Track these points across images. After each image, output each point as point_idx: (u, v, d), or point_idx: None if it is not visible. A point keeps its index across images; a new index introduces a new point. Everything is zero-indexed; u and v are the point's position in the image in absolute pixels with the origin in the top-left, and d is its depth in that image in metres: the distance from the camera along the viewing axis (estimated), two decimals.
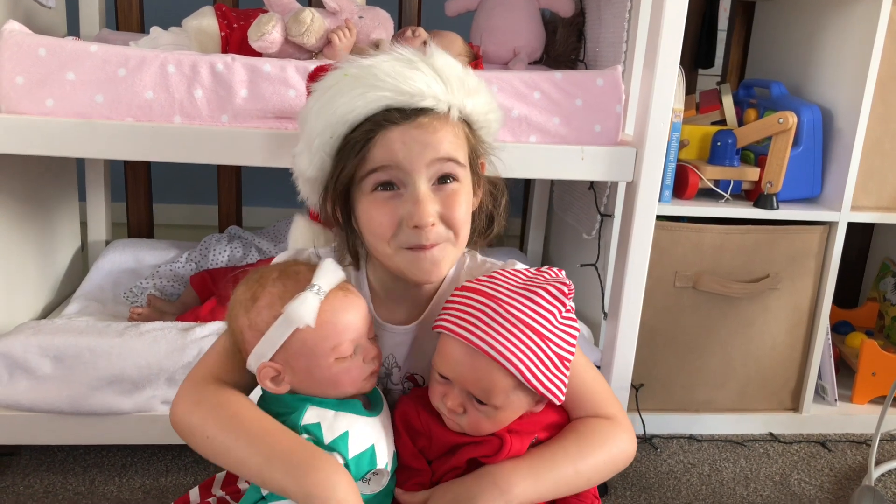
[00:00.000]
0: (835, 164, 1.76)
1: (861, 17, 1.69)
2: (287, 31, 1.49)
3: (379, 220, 0.89)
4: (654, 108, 1.38)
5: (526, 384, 0.88)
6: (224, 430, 0.87)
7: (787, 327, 1.82)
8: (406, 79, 0.87)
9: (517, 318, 0.87)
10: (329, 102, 0.89)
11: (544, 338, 0.88)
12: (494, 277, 0.93)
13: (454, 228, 0.91)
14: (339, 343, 0.88)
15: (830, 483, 1.67)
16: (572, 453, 0.93)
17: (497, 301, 0.88)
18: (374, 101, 0.87)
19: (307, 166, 0.93)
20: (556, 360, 0.89)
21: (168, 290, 1.84)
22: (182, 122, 1.31)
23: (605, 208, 1.74)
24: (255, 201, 2.72)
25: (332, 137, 0.89)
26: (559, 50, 1.88)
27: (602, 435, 0.96)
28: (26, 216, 1.67)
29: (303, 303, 0.86)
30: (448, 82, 0.90)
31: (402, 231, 0.89)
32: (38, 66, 1.26)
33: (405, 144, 0.87)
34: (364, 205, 0.91)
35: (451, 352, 0.89)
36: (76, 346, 1.40)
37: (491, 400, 0.89)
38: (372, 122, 0.87)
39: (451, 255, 0.93)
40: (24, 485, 1.46)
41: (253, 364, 0.90)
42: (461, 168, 0.91)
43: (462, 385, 0.89)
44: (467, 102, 0.92)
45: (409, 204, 0.88)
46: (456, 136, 0.91)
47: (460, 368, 0.88)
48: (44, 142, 1.27)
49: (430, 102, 0.88)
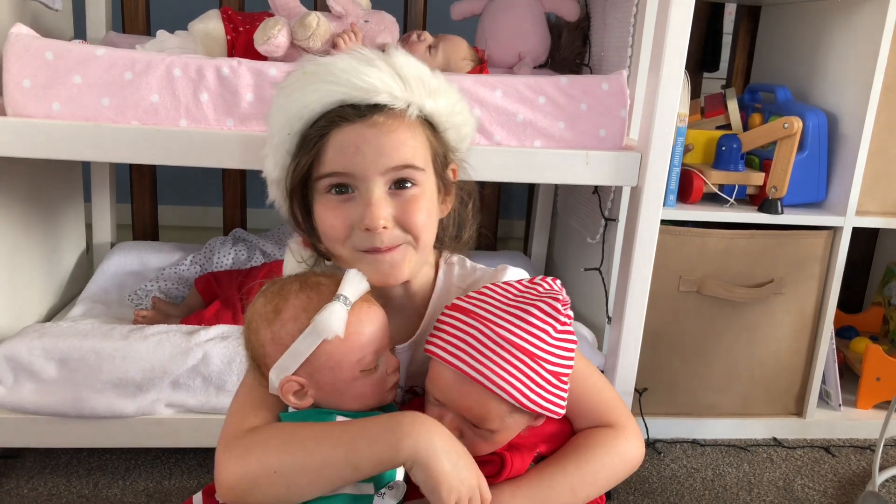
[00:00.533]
0: (840, 169, 1.76)
1: (867, 22, 1.68)
2: (293, 34, 1.49)
3: (331, 223, 0.89)
4: (659, 112, 1.38)
5: (521, 407, 0.86)
6: (288, 452, 0.83)
7: (791, 332, 1.81)
8: (361, 74, 0.86)
9: (508, 340, 0.85)
10: (287, 99, 0.89)
11: (537, 358, 0.85)
12: (485, 295, 0.90)
13: (413, 233, 0.89)
14: (365, 355, 0.87)
15: (834, 488, 1.66)
16: (570, 472, 0.92)
17: (487, 323, 0.86)
18: (327, 95, 0.86)
19: (272, 167, 0.93)
20: (552, 377, 0.87)
21: (172, 293, 1.84)
22: (188, 125, 1.32)
23: (610, 212, 1.74)
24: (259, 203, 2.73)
25: (290, 134, 0.89)
26: (564, 54, 1.88)
27: (602, 448, 0.95)
28: (32, 218, 1.68)
29: (332, 314, 0.83)
30: (406, 80, 0.88)
31: (355, 234, 0.88)
32: (45, 69, 1.26)
33: (359, 149, 0.86)
34: (318, 207, 0.90)
35: (443, 378, 0.87)
36: (81, 349, 1.40)
37: (486, 425, 0.87)
38: (326, 119, 0.87)
39: (412, 258, 0.91)
40: (28, 487, 1.46)
41: (275, 379, 0.88)
42: (419, 172, 0.89)
43: (456, 410, 0.87)
44: (427, 102, 0.90)
45: (361, 207, 0.87)
46: (413, 138, 0.89)
47: (452, 395, 0.86)
48: (50, 145, 1.27)
49: (384, 98, 0.87)
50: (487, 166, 1.36)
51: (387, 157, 0.87)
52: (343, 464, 0.81)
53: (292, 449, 0.83)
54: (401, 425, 0.81)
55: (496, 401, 0.85)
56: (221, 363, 1.43)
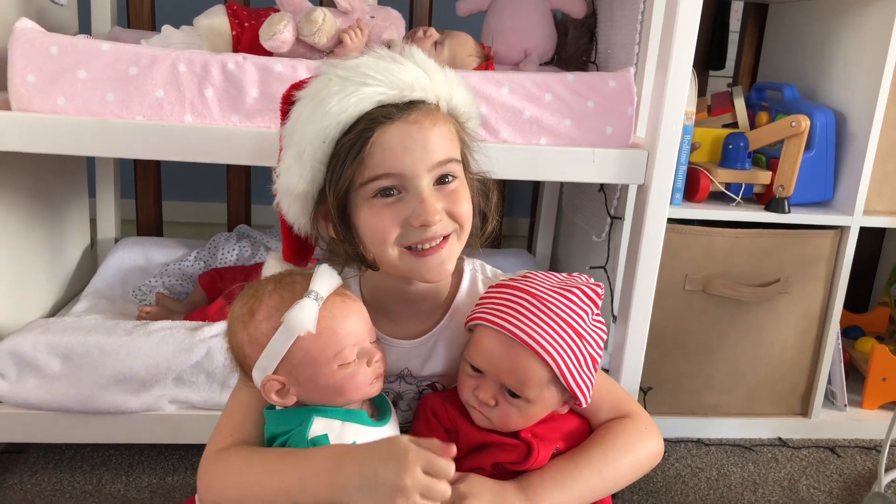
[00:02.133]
0: (847, 168, 1.75)
1: (876, 20, 1.67)
2: (298, 30, 1.49)
3: (381, 225, 0.87)
4: (666, 110, 1.37)
5: (561, 378, 0.89)
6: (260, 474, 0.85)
7: (797, 332, 1.80)
8: (394, 73, 0.86)
9: (555, 312, 0.89)
10: (318, 106, 0.86)
11: (580, 335, 0.90)
12: (528, 277, 0.95)
13: (460, 222, 0.90)
14: (342, 349, 0.88)
15: (840, 489, 1.66)
16: (596, 459, 0.93)
17: (535, 296, 0.90)
18: (366, 97, 0.85)
19: (297, 181, 0.89)
20: (589, 359, 0.91)
21: (177, 289, 1.84)
22: (193, 121, 1.31)
23: (616, 210, 1.73)
24: (264, 200, 2.72)
25: (324, 142, 0.86)
26: (570, 51, 1.87)
27: (624, 437, 0.96)
28: (36, 213, 1.67)
29: (301, 310, 0.84)
30: (431, 75, 0.89)
31: (407, 231, 0.87)
32: (50, 64, 1.26)
33: (406, 148, 0.85)
34: (364, 212, 0.88)
35: (488, 343, 0.90)
36: (84, 345, 1.40)
37: (525, 392, 0.90)
38: (366, 120, 0.85)
39: (456, 251, 0.92)
40: (32, 482, 1.46)
41: (257, 379, 0.89)
42: (458, 165, 0.91)
43: (496, 376, 0.90)
44: (452, 96, 0.92)
45: (414, 204, 0.86)
46: (449, 132, 0.90)
47: (497, 358, 0.90)
48: (54, 140, 1.27)
49: (420, 94, 0.87)
50: (493, 163, 1.35)
51: (433, 153, 0.87)
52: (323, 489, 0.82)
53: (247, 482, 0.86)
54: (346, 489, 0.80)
55: (541, 366, 0.88)
56: (225, 359, 1.43)
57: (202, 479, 0.91)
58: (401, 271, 0.91)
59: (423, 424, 0.97)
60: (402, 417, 1.03)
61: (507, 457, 0.93)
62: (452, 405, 0.96)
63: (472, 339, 0.94)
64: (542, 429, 0.94)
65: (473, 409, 0.93)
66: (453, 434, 0.95)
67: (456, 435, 0.95)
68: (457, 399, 0.96)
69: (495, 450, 0.93)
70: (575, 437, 0.97)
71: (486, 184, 1.00)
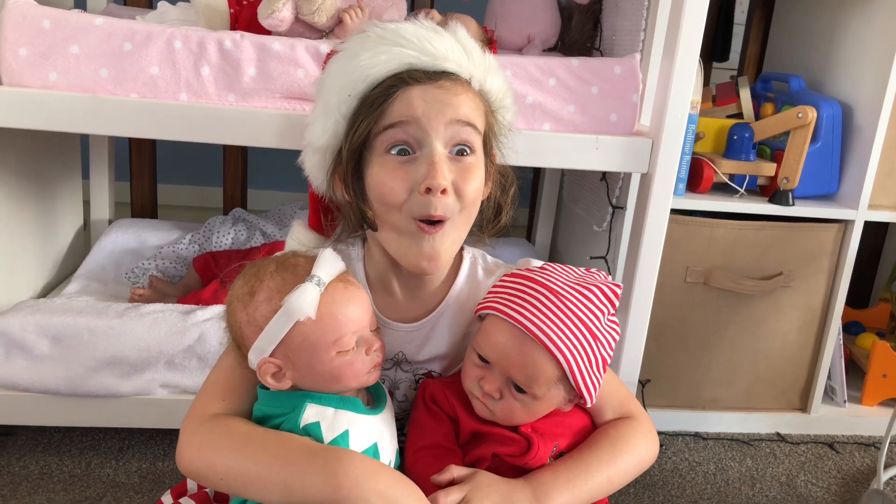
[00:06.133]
0: (853, 161, 1.72)
1: (884, 11, 1.64)
2: (298, 9, 1.46)
3: (391, 186, 0.86)
4: (672, 99, 1.35)
5: (570, 378, 0.87)
6: (235, 464, 0.83)
7: (798, 326, 1.78)
8: (430, 40, 0.87)
9: (571, 310, 0.86)
10: (351, 60, 0.87)
11: (595, 335, 0.87)
12: (546, 269, 0.92)
13: (464, 201, 0.88)
14: (341, 336, 0.86)
15: (838, 485, 1.64)
16: (605, 461, 0.92)
17: (553, 290, 0.87)
18: (398, 57, 0.86)
19: (320, 134, 0.90)
20: (600, 360, 0.89)
21: (170, 272, 1.81)
22: (188, 99, 1.28)
23: (618, 200, 1.70)
24: (260, 184, 2.70)
25: (350, 96, 0.87)
26: (574, 37, 1.84)
27: (630, 438, 0.95)
28: (28, 193, 1.65)
29: (302, 294, 0.83)
30: (469, 54, 0.90)
31: (413, 198, 0.86)
32: (42, 38, 1.23)
33: (425, 101, 0.85)
34: (375, 168, 0.87)
35: (499, 334, 0.88)
36: (75, 327, 1.37)
37: (532, 388, 0.87)
38: (394, 79, 0.86)
39: (449, 242, 0.90)
40: (20, 465, 1.44)
41: (253, 360, 0.88)
42: (477, 137, 0.90)
43: (504, 370, 0.88)
44: (487, 79, 0.91)
45: (425, 166, 0.85)
46: (476, 106, 0.90)
47: (507, 352, 0.87)
48: (46, 116, 1.23)
49: (453, 66, 0.88)
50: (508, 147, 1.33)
51: (452, 109, 0.86)
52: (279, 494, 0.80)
53: (240, 463, 0.83)
54: (336, 475, 0.78)
55: (552, 364, 0.86)
56: (218, 344, 1.40)
57: (190, 440, 0.87)
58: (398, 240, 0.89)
59: (425, 414, 0.95)
60: (399, 408, 1.00)
61: (506, 449, 0.91)
62: (452, 392, 0.94)
63: (482, 328, 0.91)
64: (542, 424, 0.92)
65: (476, 399, 0.91)
66: (454, 422, 0.93)
67: (456, 424, 0.93)
68: (457, 386, 0.94)
69: (494, 441, 0.92)
70: (578, 433, 0.96)
71: (505, 176, 0.99)
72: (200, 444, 0.86)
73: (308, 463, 0.79)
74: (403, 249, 0.89)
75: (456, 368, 1.01)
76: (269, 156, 2.21)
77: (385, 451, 0.89)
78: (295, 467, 0.79)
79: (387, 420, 0.92)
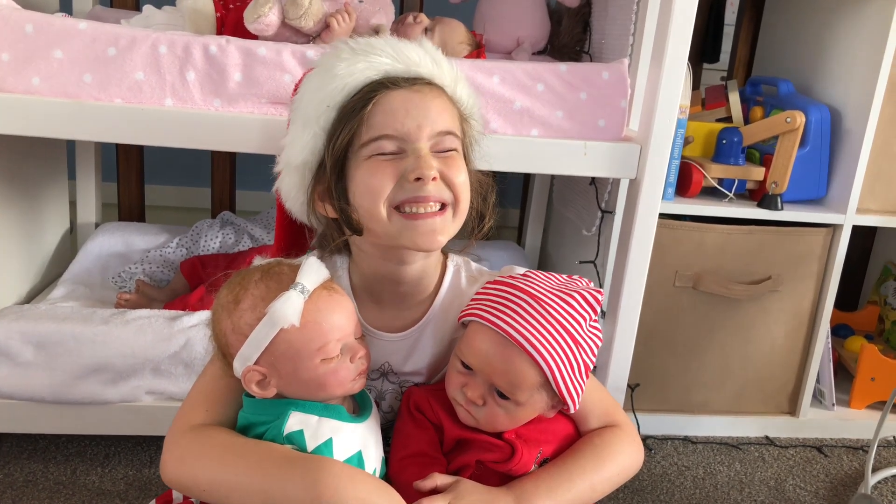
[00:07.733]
0: (842, 165, 1.72)
1: (873, 16, 1.64)
2: (284, 13, 1.44)
3: (379, 179, 0.87)
4: (660, 104, 1.35)
5: (553, 384, 0.87)
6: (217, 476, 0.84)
7: (787, 330, 1.79)
8: (402, 49, 0.90)
9: (553, 316, 0.87)
10: (327, 73, 0.89)
11: (577, 341, 0.88)
12: (529, 276, 0.93)
13: (454, 191, 0.89)
14: (325, 343, 0.86)
15: (826, 489, 1.64)
16: (588, 469, 0.93)
17: (535, 297, 0.88)
18: (373, 64, 0.88)
19: (299, 150, 0.91)
20: (582, 366, 0.89)
21: (157, 276, 1.80)
22: (173, 104, 1.27)
23: (607, 205, 1.70)
24: (249, 186, 2.68)
25: (329, 107, 0.88)
26: (563, 41, 1.84)
27: (614, 447, 0.96)
28: (12, 195, 1.63)
29: (286, 302, 0.83)
30: (438, 64, 0.92)
31: (401, 187, 0.87)
32: (25, 42, 1.22)
33: (409, 112, 0.86)
34: (361, 171, 0.88)
35: (482, 341, 0.88)
36: (59, 333, 1.36)
37: (515, 394, 0.88)
38: (373, 84, 0.88)
39: (450, 227, 0.91)
40: (4, 473, 1.43)
41: (238, 368, 0.88)
42: (458, 142, 0.92)
43: (488, 377, 0.88)
44: (457, 87, 0.94)
45: (412, 160, 0.86)
46: (453, 113, 0.92)
47: (490, 358, 0.87)
48: (28, 121, 1.23)
49: (426, 71, 0.90)
50: (483, 155, 1.32)
51: (434, 122, 0.88)
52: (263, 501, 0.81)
53: (221, 474, 0.83)
54: (316, 484, 0.78)
55: (534, 370, 0.87)
56: (204, 350, 1.39)
57: (173, 452, 0.88)
58: (390, 236, 0.89)
59: (409, 422, 0.95)
60: (385, 419, 1.00)
61: (490, 456, 0.91)
62: (436, 400, 0.94)
63: (465, 335, 0.91)
64: (526, 430, 0.93)
65: (460, 406, 0.92)
66: (437, 430, 0.93)
67: (440, 431, 0.93)
68: (441, 393, 0.94)
69: (478, 448, 0.92)
70: (562, 440, 0.96)
71: (483, 185, 1.00)
72: (183, 456, 0.87)
73: (288, 472, 0.80)
74: (398, 235, 0.89)
75: (440, 375, 1.00)
76: (258, 157, 2.19)
77: (370, 459, 0.89)
78: (275, 476, 0.80)
79: (372, 428, 0.92)
